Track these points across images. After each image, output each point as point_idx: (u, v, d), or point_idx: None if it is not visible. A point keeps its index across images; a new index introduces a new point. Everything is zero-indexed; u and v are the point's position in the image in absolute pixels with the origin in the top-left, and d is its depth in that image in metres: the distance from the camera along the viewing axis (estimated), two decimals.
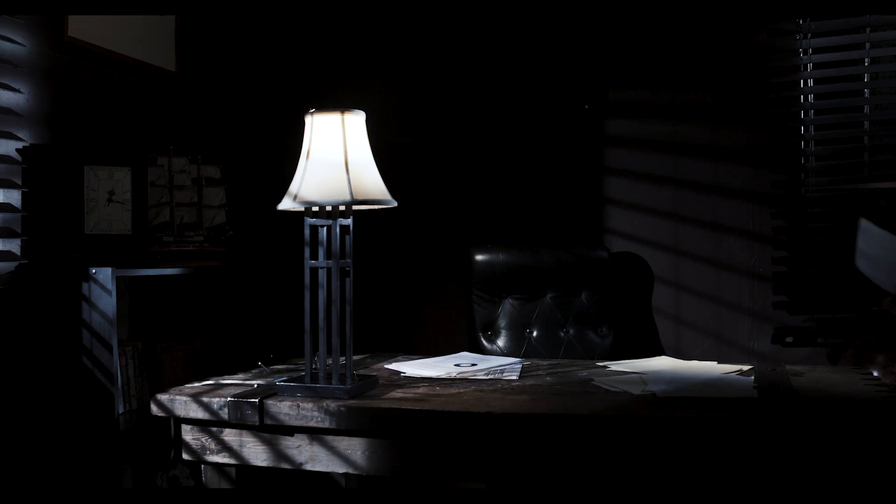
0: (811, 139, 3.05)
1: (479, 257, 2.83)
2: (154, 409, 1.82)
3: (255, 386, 1.87)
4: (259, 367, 2.15)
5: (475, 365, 2.16)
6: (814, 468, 1.45)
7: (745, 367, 2.04)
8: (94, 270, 2.43)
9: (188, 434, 1.82)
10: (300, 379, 1.82)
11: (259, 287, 3.22)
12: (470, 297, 2.82)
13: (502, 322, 2.77)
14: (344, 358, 1.79)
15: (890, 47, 2.94)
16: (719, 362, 1.96)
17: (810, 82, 3.04)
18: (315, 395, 1.74)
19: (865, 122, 3.00)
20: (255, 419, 1.72)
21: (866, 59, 2.98)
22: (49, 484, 2.43)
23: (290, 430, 1.74)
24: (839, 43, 2.99)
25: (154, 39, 3.07)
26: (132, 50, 2.94)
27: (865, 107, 3.01)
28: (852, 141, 3.03)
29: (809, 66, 3.03)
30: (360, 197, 1.76)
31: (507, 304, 2.77)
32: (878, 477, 1.43)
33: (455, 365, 2.16)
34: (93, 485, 2.43)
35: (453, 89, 3.43)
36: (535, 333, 2.82)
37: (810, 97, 3.05)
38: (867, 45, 2.96)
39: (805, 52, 3.03)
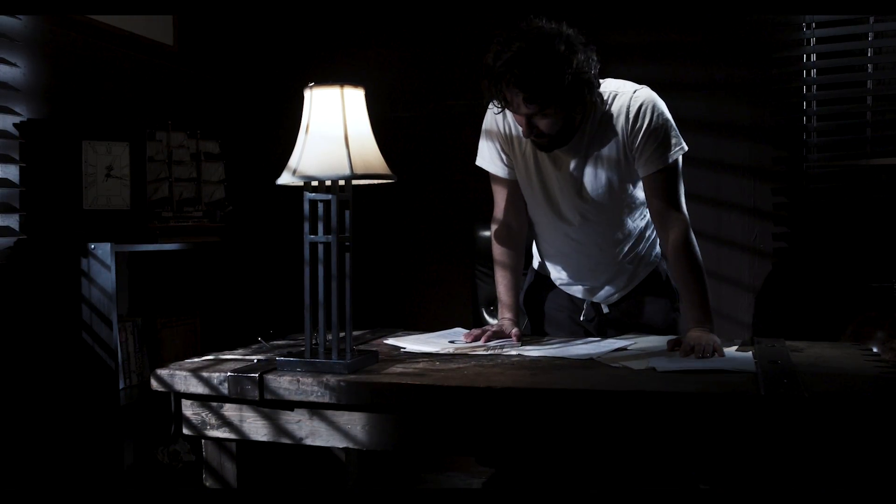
0: (813, 115, 3.04)
1: (482, 233, 2.83)
2: (154, 384, 1.82)
3: (255, 361, 1.87)
4: (259, 342, 2.15)
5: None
6: (814, 442, 1.45)
7: (745, 343, 2.05)
8: (93, 246, 2.42)
9: (188, 409, 1.82)
10: (300, 354, 1.82)
11: (258, 262, 3.22)
12: (473, 273, 2.83)
13: None
14: (344, 333, 1.79)
15: (894, 22, 2.91)
16: (719, 338, 1.96)
17: (813, 57, 3.01)
18: (315, 371, 1.74)
19: (868, 98, 2.99)
20: (255, 394, 1.72)
21: (870, 35, 2.95)
22: (50, 459, 2.43)
23: (290, 405, 1.74)
24: (843, 17, 2.96)
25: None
26: (130, 24, 2.91)
27: (868, 82, 2.99)
28: (855, 116, 3.01)
29: (812, 40, 3.01)
30: (359, 171, 1.75)
31: None
32: (878, 452, 1.44)
33: (449, 342, 2.15)
34: (94, 459, 2.44)
35: (454, 63, 3.40)
36: None
37: (813, 72, 3.03)
38: (871, 20, 2.93)
39: (808, 27, 3.01)
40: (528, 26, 1.96)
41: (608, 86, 2.10)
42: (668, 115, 2.09)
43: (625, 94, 2.08)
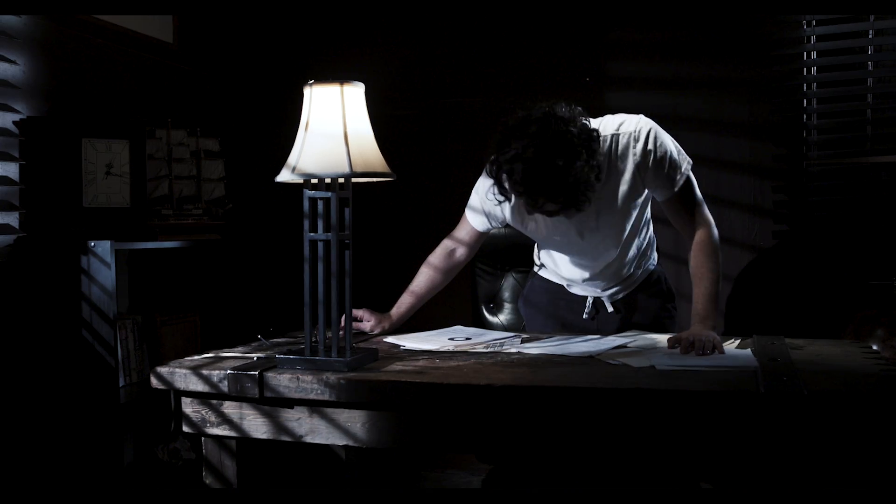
0: (813, 112, 3.03)
1: None
2: (154, 382, 1.82)
3: (255, 359, 1.87)
4: (258, 340, 2.15)
5: (469, 339, 2.16)
6: (814, 440, 1.45)
7: (745, 341, 2.04)
8: (92, 244, 2.42)
9: (188, 407, 1.82)
10: (300, 352, 1.82)
11: (258, 260, 3.22)
12: (473, 270, 2.82)
13: (505, 295, 2.77)
14: (343, 331, 1.79)
15: (894, 20, 2.91)
16: (719, 335, 1.96)
17: (813, 55, 3.01)
18: (314, 368, 1.74)
19: (868, 96, 2.98)
20: (255, 392, 1.72)
21: (870, 32, 2.95)
22: (50, 457, 2.44)
23: (290, 403, 1.74)
24: (843, 15, 2.96)
25: None
26: (130, 22, 2.91)
27: (869, 80, 2.98)
28: (855, 114, 3.01)
29: (813, 38, 3.01)
30: (359, 169, 1.75)
31: (511, 278, 2.77)
32: (878, 449, 1.44)
33: (449, 339, 2.15)
34: (94, 457, 2.44)
35: (454, 62, 3.40)
36: None
37: (813, 70, 3.02)
38: (871, 18, 2.92)
39: (808, 25, 3.00)
40: (536, 126, 1.91)
41: (606, 127, 2.12)
42: (667, 138, 2.15)
43: (626, 135, 2.11)
